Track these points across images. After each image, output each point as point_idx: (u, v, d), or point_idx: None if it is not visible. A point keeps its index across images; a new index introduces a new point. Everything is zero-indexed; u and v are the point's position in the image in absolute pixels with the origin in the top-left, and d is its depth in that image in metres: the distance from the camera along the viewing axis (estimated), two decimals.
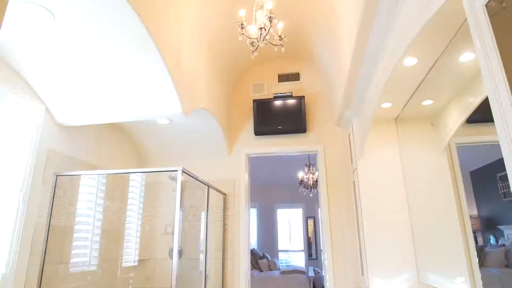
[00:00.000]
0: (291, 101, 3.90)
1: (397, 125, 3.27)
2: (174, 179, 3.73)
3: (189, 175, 2.64)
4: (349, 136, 3.53)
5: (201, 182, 3.01)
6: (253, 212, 8.98)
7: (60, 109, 2.64)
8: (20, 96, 2.36)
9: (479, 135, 2.18)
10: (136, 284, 3.59)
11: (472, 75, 2.07)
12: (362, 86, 2.93)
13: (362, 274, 3.15)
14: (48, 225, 2.55)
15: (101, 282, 3.13)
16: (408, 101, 2.84)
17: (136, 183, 3.81)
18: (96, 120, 2.74)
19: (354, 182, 3.40)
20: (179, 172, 2.47)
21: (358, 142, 3.29)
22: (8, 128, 2.27)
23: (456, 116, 2.36)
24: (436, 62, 2.07)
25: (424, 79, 2.32)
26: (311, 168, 6.58)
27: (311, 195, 6.80)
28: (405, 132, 3.13)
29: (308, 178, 6.55)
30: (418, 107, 2.79)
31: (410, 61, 2.04)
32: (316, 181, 6.52)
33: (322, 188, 3.76)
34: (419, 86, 2.62)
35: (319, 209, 8.76)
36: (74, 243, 2.83)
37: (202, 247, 3.32)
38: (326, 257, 3.55)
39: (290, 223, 9.03)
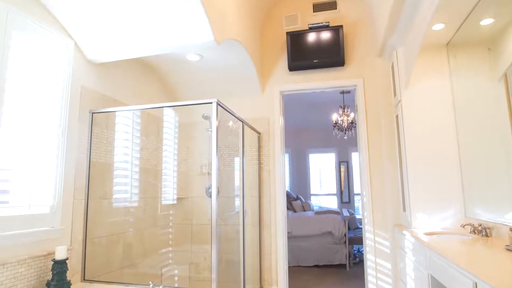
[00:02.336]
0: (327, 32, 3.60)
1: (448, 51, 2.95)
2: (207, 118, 3.68)
3: (223, 108, 2.54)
4: (392, 66, 3.25)
5: (236, 117, 2.92)
6: (285, 157, 8.97)
7: (89, 45, 2.55)
8: (49, 31, 2.27)
9: None
10: (176, 220, 3.71)
11: None
12: (411, 5, 2.60)
13: (404, 210, 3.05)
14: (88, 162, 2.59)
15: (143, 218, 3.24)
16: (465, 20, 2.51)
17: (170, 124, 3.79)
18: (126, 55, 2.65)
19: (397, 115, 3.18)
20: (214, 105, 2.37)
21: (403, 72, 3.02)
22: (41, 64, 2.22)
23: None
24: None
25: None
26: (346, 109, 6.32)
27: (345, 137, 6.62)
28: (457, 59, 2.82)
29: (342, 120, 6.33)
30: (475, 28, 2.46)
31: None
32: (352, 123, 6.30)
33: (361, 124, 3.58)
34: (480, 0, 2.28)
35: (352, 153, 8.64)
36: (114, 180, 2.89)
37: (238, 185, 3.32)
38: (365, 194, 3.46)
39: (322, 168, 8.99)
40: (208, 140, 3.84)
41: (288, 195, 6.39)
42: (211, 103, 2.38)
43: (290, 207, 6.28)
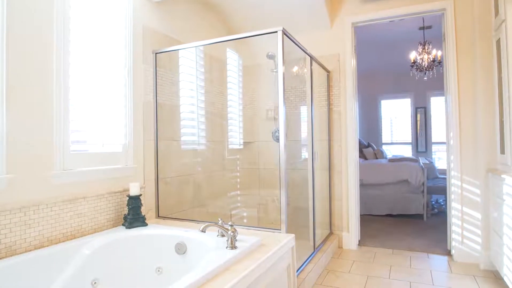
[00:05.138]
0: None
1: None
2: (272, 57, 3.45)
3: (290, 38, 2.29)
4: None
5: (303, 50, 2.65)
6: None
7: None
8: None
9: None
10: (243, 165, 3.69)
11: None
12: None
13: (502, 153, 2.61)
14: (155, 103, 2.57)
15: (211, 161, 3.25)
16: None
17: (233, 67, 3.64)
18: None
19: (498, 40, 2.63)
20: (279, 34, 2.14)
21: None
22: (102, 2, 2.16)
23: None
24: None
25: None
26: (426, 46, 5.57)
27: (425, 78, 5.92)
28: None
29: (422, 59, 5.61)
30: None
31: None
32: (433, 61, 5.56)
33: (449, 58, 3.06)
34: None
35: (431, 97, 7.80)
36: (181, 122, 2.88)
37: (306, 128, 3.12)
38: (452, 137, 3.04)
39: (395, 115, 8.31)
40: (273, 83, 3.63)
41: (359, 142, 6.03)
42: (276, 32, 2.14)
43: (360, 154, 5.96)
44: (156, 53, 2.58)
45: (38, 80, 1.77)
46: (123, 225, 2.18)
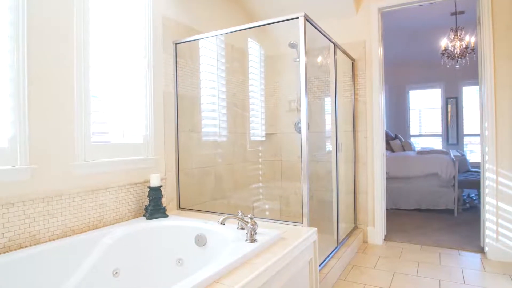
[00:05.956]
0: None
1: None
2: (294, 46, 3.35)
3: (312, 24, 2.19)
4: None
5: (326, 37, 2.55)
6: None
7: None
8: None
9: None
10: (265, 156, 3.63)
11: None
12: None
13: None
14: (176, 94, 2.56)
15: (232, 153, 3.22)
16: None
17: (255, 57, 3.57)
18: None
19: None
20: (301, 20, 2.05)
21: None
22: None
23: None
24: None
25: None
26: (459, 32, 5.28)
27: (457, 66, 5.61)
28: None
29: (454, 46, 5.32)
30: None
31: None
32: (466, 48, 5.27)
33: (485, 41, 2.86)
34: None
35: (463, 87, 7.43)
36: (202, 113, 2.85)
37: (330, 119, 3.02)
38: (487, 127, 2.86)
39: (424, 105, 7.98)
40: (296, 73, 3.53)
41: (385, 133, 5.83)
42: (297, 18, 2.06)
43: (387, 147, 5.76)
44: (176, 44, 2.56)
45: (59, 71, 1.77)
46: (144, 216, 2.18)
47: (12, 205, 1.57)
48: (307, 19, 2.08)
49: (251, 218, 1.70)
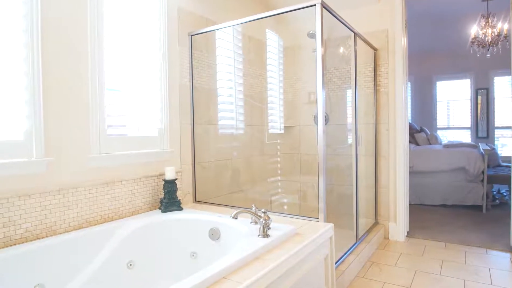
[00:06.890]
0: None
1: None
2: (313, 36, 3.25)
3: (330, 12, 2.11)
4: None
5: (346, 25, 2.45)
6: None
7: None
8: None
9: None
10: (283, 150, 3.58)
11: None
12: None
13: None
14: (191, 86, 2.54)
15: (250, 146, 3.18)
16: None
17: (273, 49, 3.50)
18: None
19: None
20: (317, 8, 1.97)
21: None
22: None
23: None
24: None
25: None
26: (490, 19, 4.98)
27: (488, 55, 5.32)
28: None
29: (485, 34, 5.04)
30: None
31: None
32: (498, 35, 4.98)
33: None
34: None
35: (495, 77, 7.06)
36: (219, 106, 2.82)
37: (351, 111, 2.92)
38: None
39: (453, 97, 7.65)
40: (315, 64, 3.45)
41: (410, 126, 5.62)
42: (314, 5, 1.98)
43: (412, 140, 5.56)
44: (191, 35, 2.53)
45: (73, 64, 1.78)
46: (159, 208, 2.19)
47: (29, 196, 1.59)
48: (324, 6, 1.99)
49: (264, 212, 1.66)
